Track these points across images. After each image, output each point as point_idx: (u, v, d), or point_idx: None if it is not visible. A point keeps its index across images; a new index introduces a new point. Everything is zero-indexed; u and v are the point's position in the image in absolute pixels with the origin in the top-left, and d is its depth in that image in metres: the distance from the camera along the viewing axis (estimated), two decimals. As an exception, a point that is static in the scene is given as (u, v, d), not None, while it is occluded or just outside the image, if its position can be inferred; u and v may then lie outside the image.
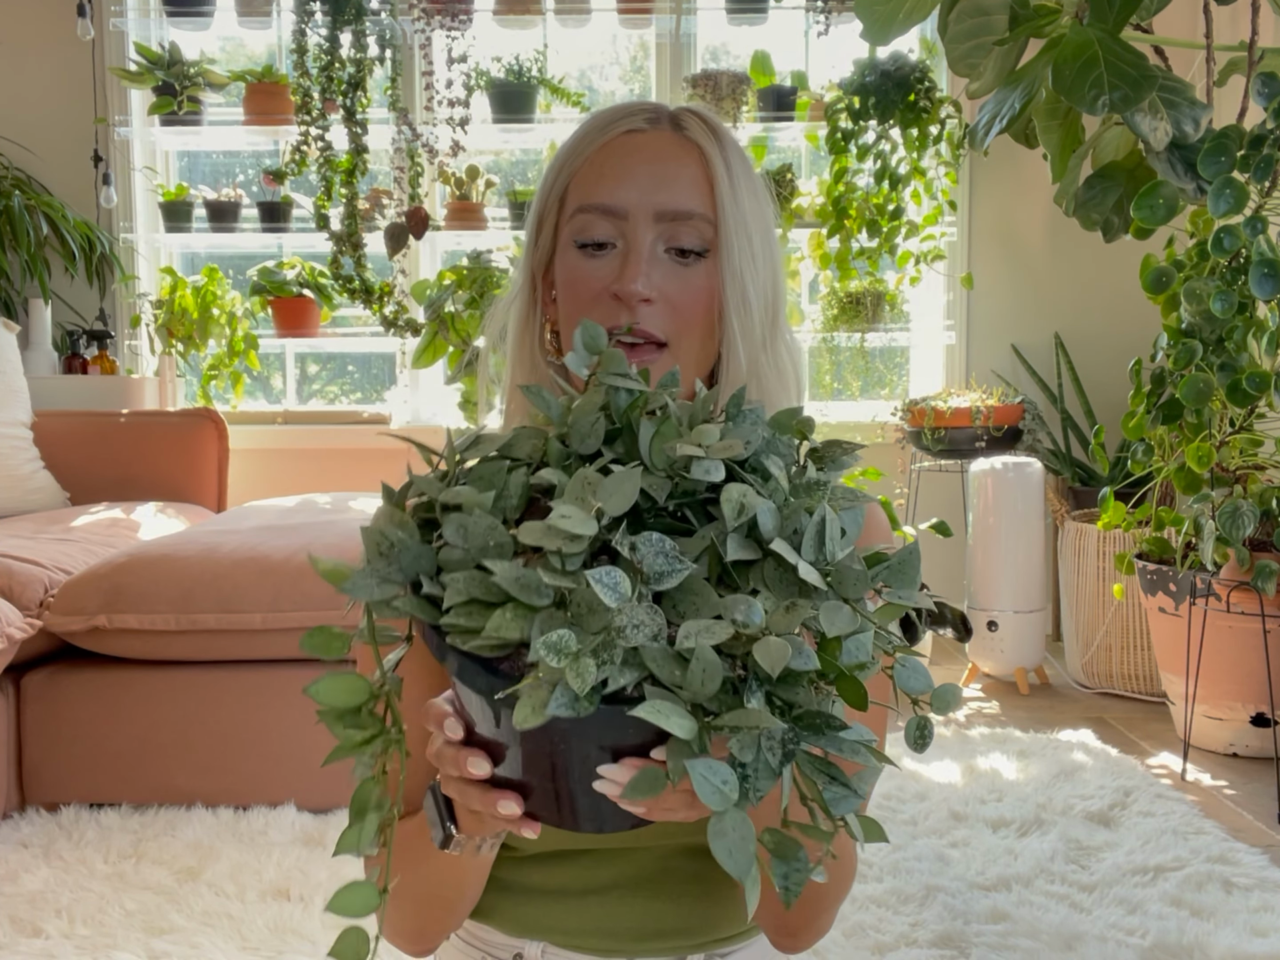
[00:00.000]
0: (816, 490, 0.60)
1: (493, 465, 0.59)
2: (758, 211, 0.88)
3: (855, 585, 0.56)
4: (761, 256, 0.88)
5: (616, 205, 0.85)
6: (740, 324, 0.86)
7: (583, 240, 0.86)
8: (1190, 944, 1.69)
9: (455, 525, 0.55)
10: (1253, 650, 2.42)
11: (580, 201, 0.87)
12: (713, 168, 0.86)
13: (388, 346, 3.83)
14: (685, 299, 0.85)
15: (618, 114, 0.89)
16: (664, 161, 0.86)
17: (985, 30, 2.55)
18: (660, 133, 0.88)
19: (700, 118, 0.89)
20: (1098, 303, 3.71)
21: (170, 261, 3.85)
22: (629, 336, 0.85)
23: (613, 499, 0.54)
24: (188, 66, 3.62)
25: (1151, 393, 2.51)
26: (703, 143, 0.87)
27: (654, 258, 0.85)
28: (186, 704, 2.22)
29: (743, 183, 0.87)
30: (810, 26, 3.67)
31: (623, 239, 0.86)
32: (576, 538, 0.53)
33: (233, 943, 1.71)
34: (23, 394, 2.99)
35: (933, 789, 2.33)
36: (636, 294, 0.83)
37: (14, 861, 1.97)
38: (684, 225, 0.85)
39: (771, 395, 0.90)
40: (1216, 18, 2.72)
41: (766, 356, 0.89)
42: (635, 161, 0.86)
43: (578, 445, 0.60)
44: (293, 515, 2.71)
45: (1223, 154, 2.26)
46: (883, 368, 3.82)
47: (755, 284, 0.87)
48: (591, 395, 0.62)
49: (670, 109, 0.90)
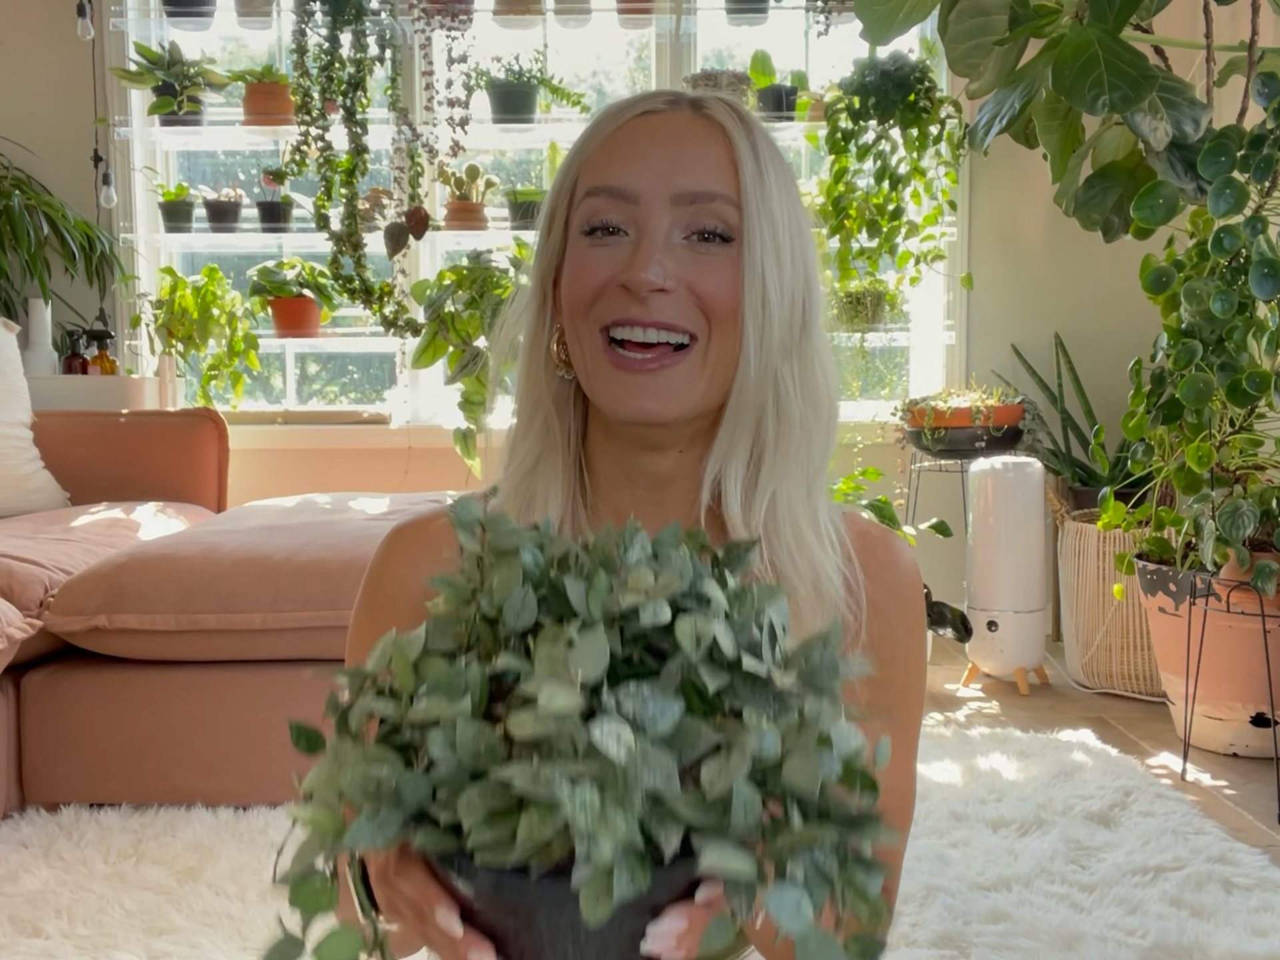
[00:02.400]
0: (745, 598, 0.59)
1: (443, 670, 0.55)
2: (788, 205, 0.79)
3: (828, 674, 0.56)
4: (789, 252, 0.78)
5: (627, 187, 0.76)
6: (754, 325, 0.76)
7: (590, 225, 0.77)
8: (1190, 944, 1.69)
9: (442, 741, 0.52)
10: (1253, 650, 2.42)
11: (590, 185, 0.78)
12: (737, 150, 0.77)
13: (388, 346, 3.84)
14: (708, 287, 0.75)
15: (635, 99, 0.80)
16: (682, 141, 0.77)
17: (985, 30, 2.55)
18: (679, 113, 0.78)
19: (725, 102, 0.80)
20: (1098, 303, 3.71)
21: (170, 261, 3.85)
22: (641, 335, 0.75)
23: (587, 665, 0.52)
24: (188, 66, 3.62)
25: (1151, 393, 2.51)
26: (726, 123, 0.78)
27: (669, 245, 0.75)
28: (186, 704, 2.22)
29: (772, 170, 0.78)
30: (810, 26, 3.67)
31: (635, 225, 0.76)
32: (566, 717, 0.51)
33: (233, 943, 1.71)
34: (23, 394, 2.99)
35: (933, 789, 2.32)
36: (648, 283, 0.73)
37: (14, 861, 1.97)
38: (705, 208, 0.76)
39: (792, 415, 0.80)
40: (1216, 18, 2.72)
41: (791, 367, 0.80)
42: (650, 142, 0.77)
43: (514, 623, 0.57)
44: (293, 515, 2.71)
45: (1223, 154, 2.26)
46: (883, 368, 3.82)
47: (778, 281, 0.77)
48: (504, 571, 0.58)
49: (694, 94, 0.80)
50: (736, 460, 0.80)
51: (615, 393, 0.76)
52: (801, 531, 0.81)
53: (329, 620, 2.16)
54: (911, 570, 0.87)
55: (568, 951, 0.54)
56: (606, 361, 0.76)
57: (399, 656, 0.56)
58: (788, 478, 0.81)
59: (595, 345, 0.77)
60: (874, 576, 0.85)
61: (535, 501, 0.83)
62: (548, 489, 0.83)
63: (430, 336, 3.33)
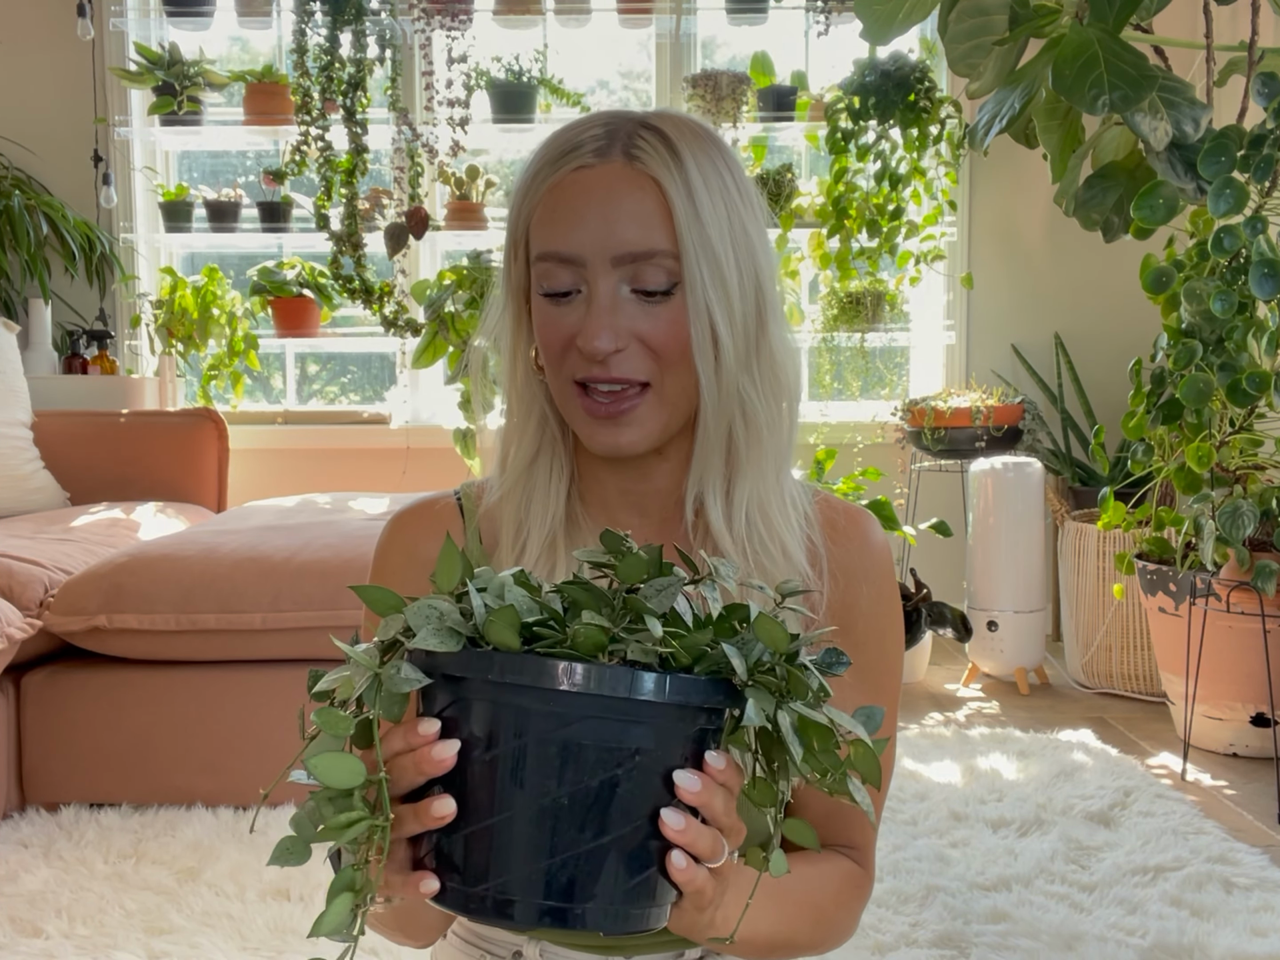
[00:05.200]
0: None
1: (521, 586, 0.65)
2: (728, 226, 0.83)
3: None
4: (736, 274, 0.83)
5: (572, 253, 0.81)
6: (706, 363, 0.83)
7: (546, 290, 0.83)
8: (1190, 944, 1.69)
9: (492, 593, 0.62)
10: (1253, 650, 2.42)
11: (539, 249, 0.83)
12: (670, 199, 0.80)
13: (388, 346, 3.84)
14: (659, 339, 0.82)
15: (567, 144, 0.83)
16: (616, 201, 0.81)
17: (985, 30, 2.55)
18: (610, 166, 0.82)
19: (659, 136, 0.82)
20: (1098, 303, 3.71)
21: (170, 261, 3.85)
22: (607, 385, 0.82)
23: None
24: (188, 66, 3.62)
25: (1151, 393, 2.51)
26: (656, 172, 0.81)
27: (617, 303, 0.81)
28: (186, 704, 2.22)
29: (706, 202, 0.82)
30: (810, 26, 3.67)
31: (585, 283, 0.82)
32: None
33: (233, 943, 1.71)
34: (23, 394, 2.99)
35: (933, 789, 2.33)
36: (599, 352, 0.80)
37: (14, 861, 1.97)
38: (645, 265, 0.81)
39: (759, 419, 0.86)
40: (1216, 18, 2.72)
41: (752, 375, 0.86)
42: (585, 204, 0.81)
43: None
44: (293, 515, 2.71)
45: (1223, 154, 2.26)
46: (883, 368, 3.82)
47: (727, 314, 0.83)
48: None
49: (627, 128, 0.83)
50: (713, 474, 0.87)
51: (589, 433, 0.85)
52: (771, 518, 0.88)
53: (329, 620, 2.16)
54: (882, 545, 0.93)
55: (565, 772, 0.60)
56: (580, 407, 0.84)
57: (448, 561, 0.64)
58: (761, 477, 0.88)
59: (568, 392, 0.85)
60: (842, 547, 0.91)
61: (536, 492, 0.89)
62: (549, 479, 0.90)
63: (430, 336, 3.33)
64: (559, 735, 0.59)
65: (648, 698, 0.59)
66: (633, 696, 0.59)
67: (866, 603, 0.91)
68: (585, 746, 0.59)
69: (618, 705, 0.59)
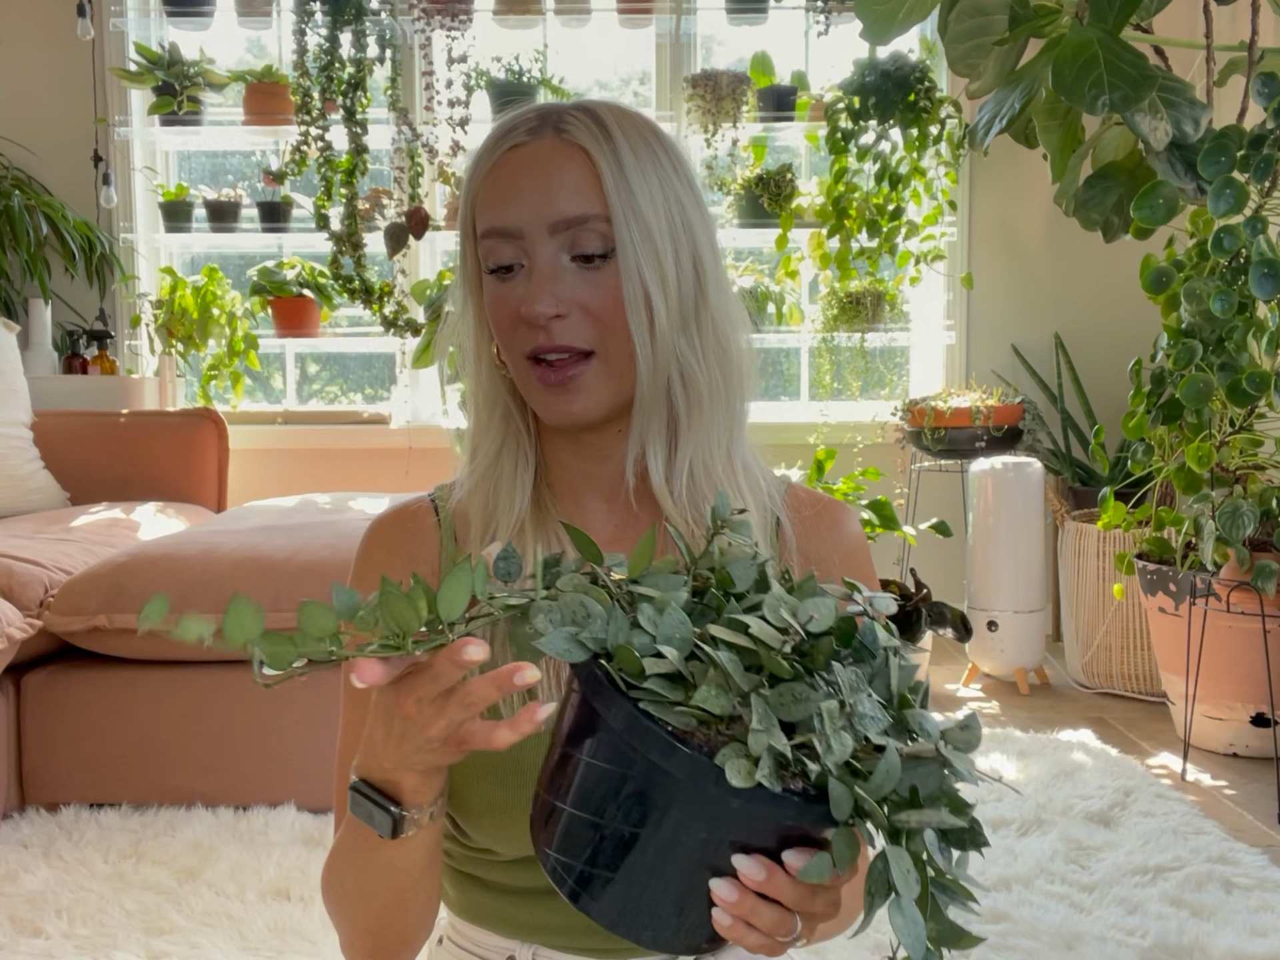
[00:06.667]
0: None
1: (669, 564, 0.66)
2: (660, 195, 0.85)
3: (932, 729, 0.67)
4: (670, 242, 0.85)
5: (510, 226, 0.84)
6: (639, 323, 0.84)
7: (491, 266, 0.86)
8: (1190, 944, 1.69)
9: (648, 614, 0.61)
10: (1253, 650, 2.42)
11: (482, 228, 0.86)
12: (598, 166, 0.83)
13: (388, 346, 3.83)
14: (599, 304, 0.84)
15: (504, 128, 0.88)
16: (547, 171, 0.84)
17: (985, 30, 2.55)
18: (541, 141, 0.85)
19: (587, 113, 0.86)
20: (1098, 303, 3.71)
21: (170, 261, 3.85)
22: (553, 354, 0.84)
23: (815, 617, 0.61)
24: (188, 66, 3.62)
25: (1151, 393, 2.51)
26: (584, 141, 0.84)
27: (557, 271, 0.84)
28: (186, 704, 2.22)
29: (635, 171, 0.84)
30: (810, 26, 3.67)
31: (526, 256, 0.84)
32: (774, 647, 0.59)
33: (233, 943, 1.71)
34: (23, 394, 2.99)
35: (933, 789, 2.32)
36: (540, 315, 0.82)
37: (14, 861, 1.97)
38: (581, 231, 0.83)
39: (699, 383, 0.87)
40: (1216, 18, 2.72)
41: (690, 339, 0.87)
42: (521, 177, 0.84)
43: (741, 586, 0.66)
44: (293, 515, 2.71)
45: (1223, 154, 2.26)
46: (883, 368, 3.82)
47: (659, 279, 0.84)
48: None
49: (559, 110, 0.87)
50: (654, 437, 0.88)
51: (544, 403, 0.87)
52: (717, 482, 0.89)
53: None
54: (855, 534, 0.95)
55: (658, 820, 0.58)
56: (534, 379, 0.86)
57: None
58: (706, 442, 0.89)
59: (522, 366, 0.87)
60: (817, 535, 0.93)
61: (503, 482, 0.92)
62: (515, 469, 0.92)
63: (430, 336, 3.33)
64: (677, 811, 0.58)
65: (790, 822, 0.58)
66: (782, 821, 0.57)
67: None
68: (698, 825, 0.58)
69: (757, 821, 0.58)
